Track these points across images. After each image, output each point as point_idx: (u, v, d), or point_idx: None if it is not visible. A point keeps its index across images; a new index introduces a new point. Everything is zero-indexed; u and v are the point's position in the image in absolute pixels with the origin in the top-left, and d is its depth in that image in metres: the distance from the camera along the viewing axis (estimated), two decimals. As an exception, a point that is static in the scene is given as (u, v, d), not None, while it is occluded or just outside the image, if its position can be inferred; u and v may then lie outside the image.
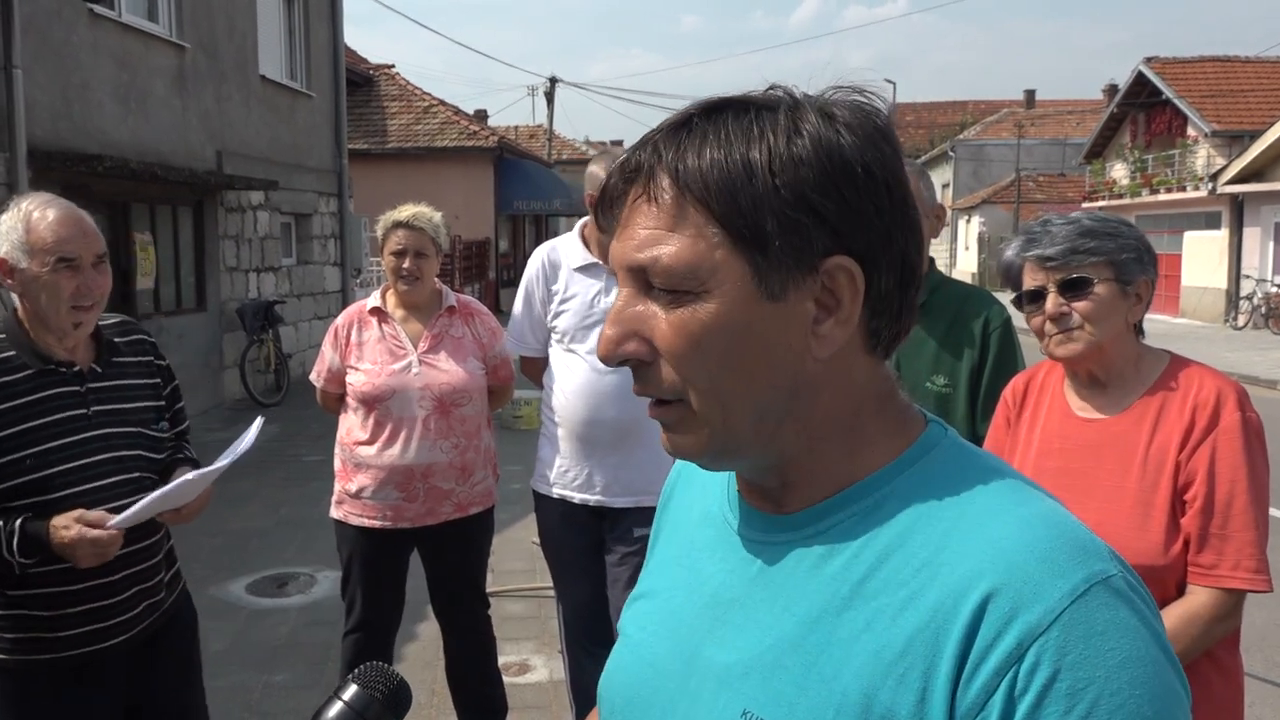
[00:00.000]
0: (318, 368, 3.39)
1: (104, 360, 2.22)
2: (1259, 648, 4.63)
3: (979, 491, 0.77)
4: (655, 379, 0.79)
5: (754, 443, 0.79)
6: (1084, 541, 0.72)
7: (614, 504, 3.10)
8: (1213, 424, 1.73)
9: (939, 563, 0.73)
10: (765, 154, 0.74)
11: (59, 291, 2.07)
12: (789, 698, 0.75)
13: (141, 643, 2.23)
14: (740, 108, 0.77)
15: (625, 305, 0.79)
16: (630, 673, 0.90)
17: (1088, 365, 1.85)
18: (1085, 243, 1.77)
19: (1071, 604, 0.68)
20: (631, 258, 0.77)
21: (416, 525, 3.25)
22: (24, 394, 2.07)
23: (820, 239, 0.75)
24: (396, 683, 0.87)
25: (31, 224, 2.07)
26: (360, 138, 21.39)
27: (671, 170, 0.76)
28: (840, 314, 0.77)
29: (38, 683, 2.12)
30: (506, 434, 9.81)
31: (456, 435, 3.26)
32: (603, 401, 3.02)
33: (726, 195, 0.74)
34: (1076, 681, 0.66)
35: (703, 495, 0.95)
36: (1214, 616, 1.69)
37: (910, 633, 0.71)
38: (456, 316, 3.36)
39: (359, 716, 0.84)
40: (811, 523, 0.81)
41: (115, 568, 2.10)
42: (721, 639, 0.82)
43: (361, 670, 0.87)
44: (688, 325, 0.76)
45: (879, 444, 0.81)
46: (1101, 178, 29.53)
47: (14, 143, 7.71)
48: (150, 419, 2.28)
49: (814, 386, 0.79)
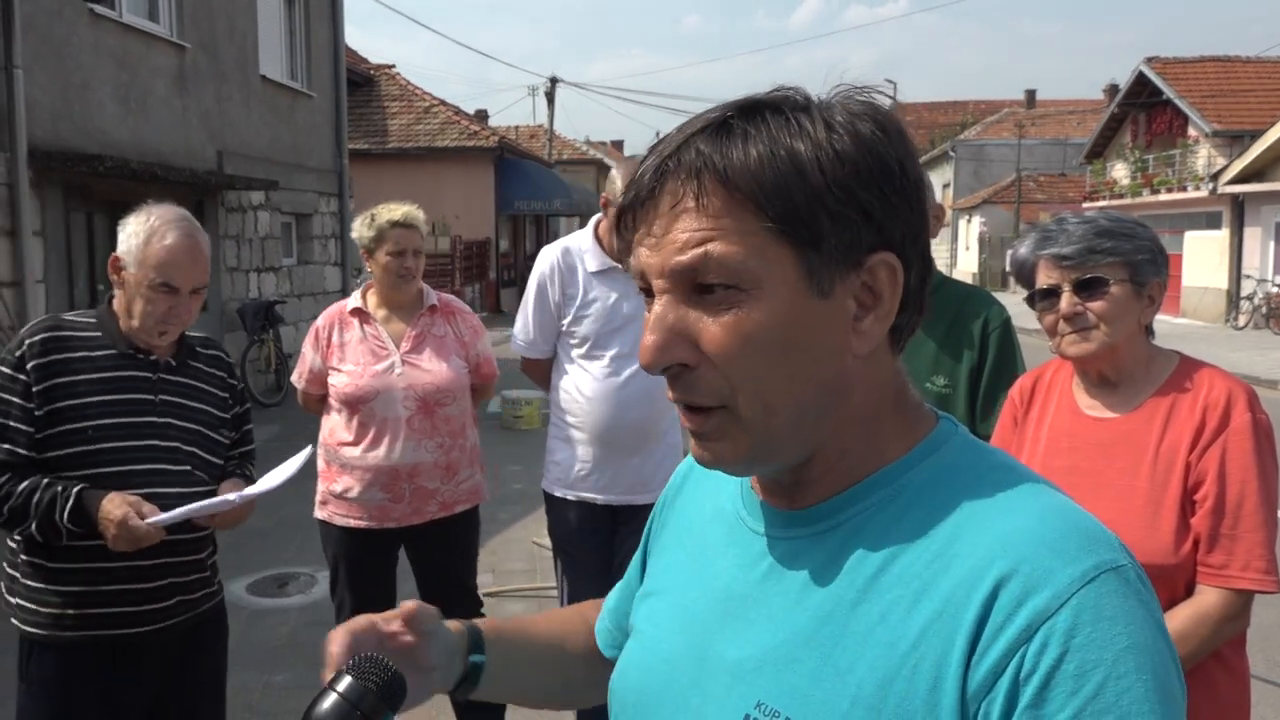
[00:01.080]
0: (299, 369, 3.38)
1: (180, 359, 2.34)
2: (1261, 647, 4.63)
3: (990, 486, 0.77)
4: (699, 385, 0.78)
5: (792, 444, 0.79)
6: (1095, 532, 0.73)
7: (635, 501, 3.08)
8: (1223, 425, 1.73)
9: (952, 554, 0.74)
10: (813, 152, 0.74)
11: (154, 308, 2.21)
12: (803, 690, 0.76)
13: (175, 637, 2.28)
14: (774, 107, 0.77)
15: (666, 311, 0.78)
16: (643, 668, 0.91)
17: (1099, 365, 1.85)
18: (1102, 243, 1.76)
19: (1081, 588, 0.68)
20: (673, 261, 0.76)
21: (402, 525, 3.23)
22: (101, 369, 2.21)
23: (867, 235, 0.76)
24: (391, 674, 0.87)
25: (151, 240, 2.19)
26: (361, 138, 21.39)
27: (719, 169, 0.74)
28: (880, 309, 0.78)
29: (76, 663, 2.18)
30: (507, 434, 9.82)
31: (441, 435, 3.24)
32: (626, 406, 3.01)
33: (780, 193, 0.74)
34: (1084, 663, 0.67)
35: (715, 492, 0.96)
36: (1224, 616, 1.68)
37: (924, 623, 0.72)
38: (438, 315, 3.34)
39: (354, 708, 0.84)
40: (825, 518, 0.81)
41: (152, 555, 2.16)
42: (734, 633, 0.82)
43: (356, 661, 0.87)
44: (740, 326, 0.75)
45: (894, 439, 0.82)
46: (1102, 178, 29.54)
47: (14, 143, 7.70)
48: (213, 423, 2.36)
49: (850, 383, 0.80)
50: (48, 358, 2.16)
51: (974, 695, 0.69)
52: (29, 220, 7.89)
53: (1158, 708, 0.67)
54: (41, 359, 2.15)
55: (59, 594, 2.17)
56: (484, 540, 6.46)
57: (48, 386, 2.14)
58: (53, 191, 8.37)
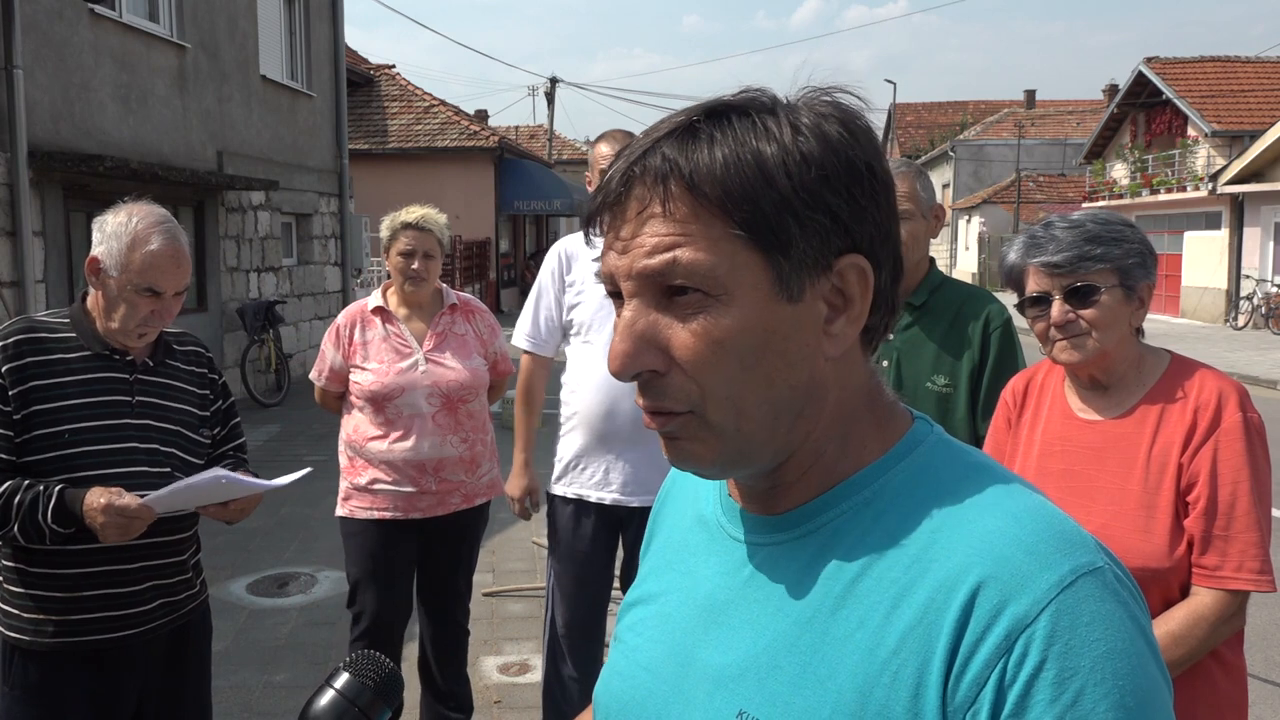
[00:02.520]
0: (318, 366, 3.40)
1: (157, 358, 2.30)
2: (1259, 647, 4.63)
3: (966, 486, 0.77)
4: (669, 390, 0.77)
5: (766, 448, 0.78)
6: (1070, 534, 0.73)
7: (629, 503, 3.07)
8: (1214, 425, 1.73)
9: (929, 558, 0.73)
10: (779, 155, 0.73)
11: (135, 311, 2.16)
12: (784, 698, 0.75)
13: (159, 640, 2.26)
14: (740, 110, 0.76)
15: (636, 318, 0.77)
16: (625, 677, 0.90)
17: (1090, 369, 1.84)
18: (1092, 249, 1.75)
19: (1059, 594, 0.68)
20: (642, 265, 0.75)
21: (426, 516, 3.27)
22: (76, 371, 2.16)
23: (835, 239, 0.76)
24: (388, 671, 0.87)
25: (135, 245, 2.15)
26: (361, 138, 21.40)
27: (684, 175, 0.74)
28: (852, 312, 0.78)
29: (60, 668, 2.16)
30: (507, 434, 9.72)
31: (465, 430, 3.30)
32: (620, 394, 3.01)
33: (748, 199, 0.73)
34: (1063, 671, 0.67)
35: (695, 499, 0.95)
36: (1219, 617, 1.68)
37: (903, 630, 0.72)
38: (458, 314, 3.40)
39: (351, 704, 0.84)
40: (802, 522, 0.81)
41: (133, 558, 2.14)
42: (715, 641, 0.82)
43: (353, 658, 0.88)
44: (710, 332, 0.74)
45: (869, 441, 0.81)
46: (1102, 178, 29.52)
47: (15, 143, 7.71)
48: (192, 423, 2.33)
49: (824, 387, 0.79)
50: (22, 360, 2.12)
51: (957, 708, 0.69)
52: (29, 220, 7.90)
53: (1134, 713, 0.67)
54: (16, 362, 2.11)
55: (40, 599, 2.14)
56: (484, 540, 6.48)
57: (23, 390, 2.10)
58: (53, 191, 8.38)
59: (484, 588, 5.29)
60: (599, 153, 3.13)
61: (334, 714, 0.84)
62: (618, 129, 3.24)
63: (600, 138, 3.21)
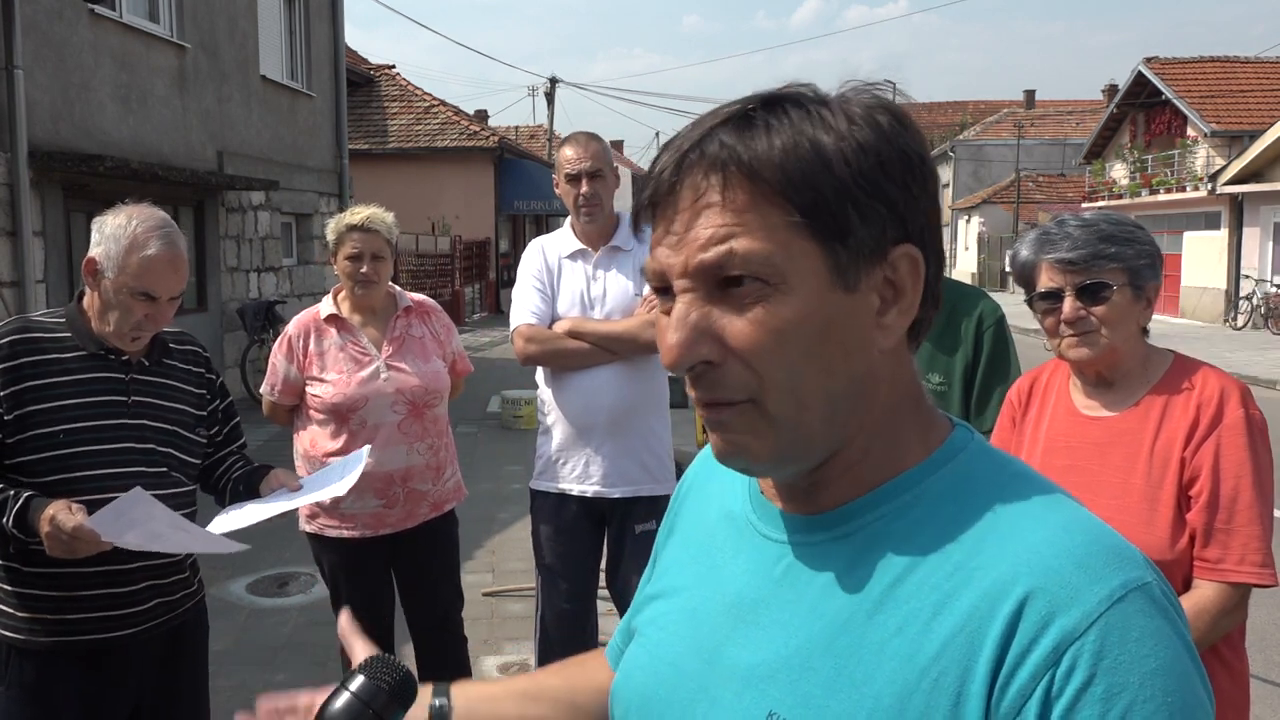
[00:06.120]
0: (269, 380, 3.23)
1: (154, 357, 2.28)
2: (1259, 647, 4.63)
3: (1012, 496, 0.76)
4: (725, 381, 0.75)
5: (819, 441, 0.77)
6: (1120, 548, 0.72)
7: (610, 494, 3.09)
8: (1217, 420, 1.74)
9: (973, 566, 0.72)
10: (837, 144, 0.73)
11: (130, 314, 2.15)
12: (818, 700, 0.74)
13: (157, 639, 2.26)
14: (793, 100, 0.76)
15: (688, 310, 0.75)
16: (648, 672, 0.88)
17: (1097, 366, 1.86)
18: (1106, 248, 1.77)
19: (1109, 609, 0.67)
20: (699, 260, 0.74)
21: (396, 530, 3.19)
22: (72, 371, 2.15)
23: (891, 228, 0.75)
24: (403, 674, 0.87)
25: (133, 249, 2.13)
26: (361, 138, 21.40)
27: (744, 162, 0.73)
28: (903, 303, 0.77)
29: (56, 667, 2.15)
30: (507, 434, 9.81)
31: (431, 436, 3.22)
32: (597, 389, 3.03)
33: (809, 185, 0.72)
34: (1112, 686, 0.65)
35: (721, 493, 0.93)
36: (1221, 610, 1.70)
37: (945, 637, 0.71)
38: (414, 316, 3.30)
39: (366, 707, 0.84)
40: (841, 523, 0.79)
41: (130, 557, 2.13)
42: (745, 639, 0.80)
43: (368, 662, 0.88)
44: (768, 321, 0.73)
45: (913, 443, 0.80)
46: (1101, 178, 29.55)
47: (15, 143, 7.71)
48: (189, 423, 2.32)
49: (876, 380, 0.78)
50: (16, 360, 2.10)
51: (1001, 718, 0.68)
52: (29, 220, 7.91)
53: None
54: (10, 362, 2.10)
55: (36, 599, 2.13)
56: (484, 540, 6.48)
57: (17, 390, 2.09)
58: (53, 191, 8.38)
59: (484, 588, 5.29)
60: (564, 155, 3.09)
61: (349, 717, 0.84)
62: (581, 131, 3.20)
63: (565, 140, 3.18)
